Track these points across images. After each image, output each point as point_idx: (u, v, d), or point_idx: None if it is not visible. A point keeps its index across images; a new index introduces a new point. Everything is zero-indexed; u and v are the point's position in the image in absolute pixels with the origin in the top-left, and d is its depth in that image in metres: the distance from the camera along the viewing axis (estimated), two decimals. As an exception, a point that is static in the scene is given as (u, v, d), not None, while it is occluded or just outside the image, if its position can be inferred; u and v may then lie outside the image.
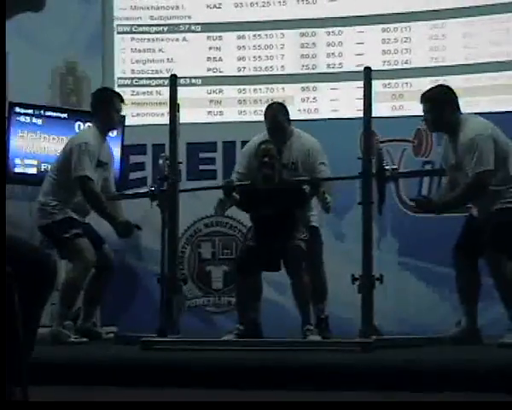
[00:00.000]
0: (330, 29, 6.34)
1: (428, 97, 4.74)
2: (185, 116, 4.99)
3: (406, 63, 6.18)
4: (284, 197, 4.74)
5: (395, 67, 6.13)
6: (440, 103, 4.69)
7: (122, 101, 5.24)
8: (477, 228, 4.61)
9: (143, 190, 5.20)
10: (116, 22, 6.50)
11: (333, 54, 6.34)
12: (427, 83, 5.20)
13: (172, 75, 4.92)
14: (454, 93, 4.75)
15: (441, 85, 4.89)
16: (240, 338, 4.57)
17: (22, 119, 5.55)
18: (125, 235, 5.16)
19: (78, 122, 5.70)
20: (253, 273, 4.79)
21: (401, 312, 5.62)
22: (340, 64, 6.31)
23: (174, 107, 4.82)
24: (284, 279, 4.91)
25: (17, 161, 5.54)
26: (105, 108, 5.11)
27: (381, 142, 5.63)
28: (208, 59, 6.43)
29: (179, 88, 4.91)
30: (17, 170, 5.51)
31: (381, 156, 4.57)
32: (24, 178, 5.62)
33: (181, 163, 4.93)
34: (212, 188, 5.38)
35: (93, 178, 5.00)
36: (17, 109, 5.57)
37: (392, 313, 5.40)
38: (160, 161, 4.75)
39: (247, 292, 4.80)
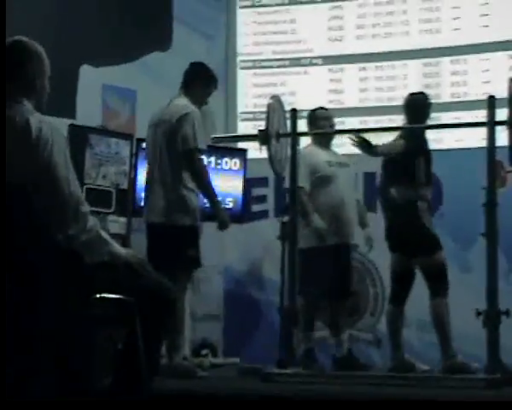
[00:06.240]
0: (454, 57, 6.25)
1: None
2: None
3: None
4: None
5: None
6: None
7: (216, 87, 4.94)
8: None
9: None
10: (239, 58, 6.65)
11: (457, 83, 6.23)
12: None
13: (292, 109, 4.96)
14: None
15: None
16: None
17: (150, 154, 5.63)
18: (225, 224, 4.74)
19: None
20: None
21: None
22: (464, 93, 6.20)
23: (295, 139, 4.86)
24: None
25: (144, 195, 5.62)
26: (204, 85, 4.84)
27: (508, 172, 5.50)
28: (330, 91, 6.46)
29: (301, 121, 4.95)
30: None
31: None
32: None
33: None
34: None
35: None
36: (144, 145, 5.71)
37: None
38: None
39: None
